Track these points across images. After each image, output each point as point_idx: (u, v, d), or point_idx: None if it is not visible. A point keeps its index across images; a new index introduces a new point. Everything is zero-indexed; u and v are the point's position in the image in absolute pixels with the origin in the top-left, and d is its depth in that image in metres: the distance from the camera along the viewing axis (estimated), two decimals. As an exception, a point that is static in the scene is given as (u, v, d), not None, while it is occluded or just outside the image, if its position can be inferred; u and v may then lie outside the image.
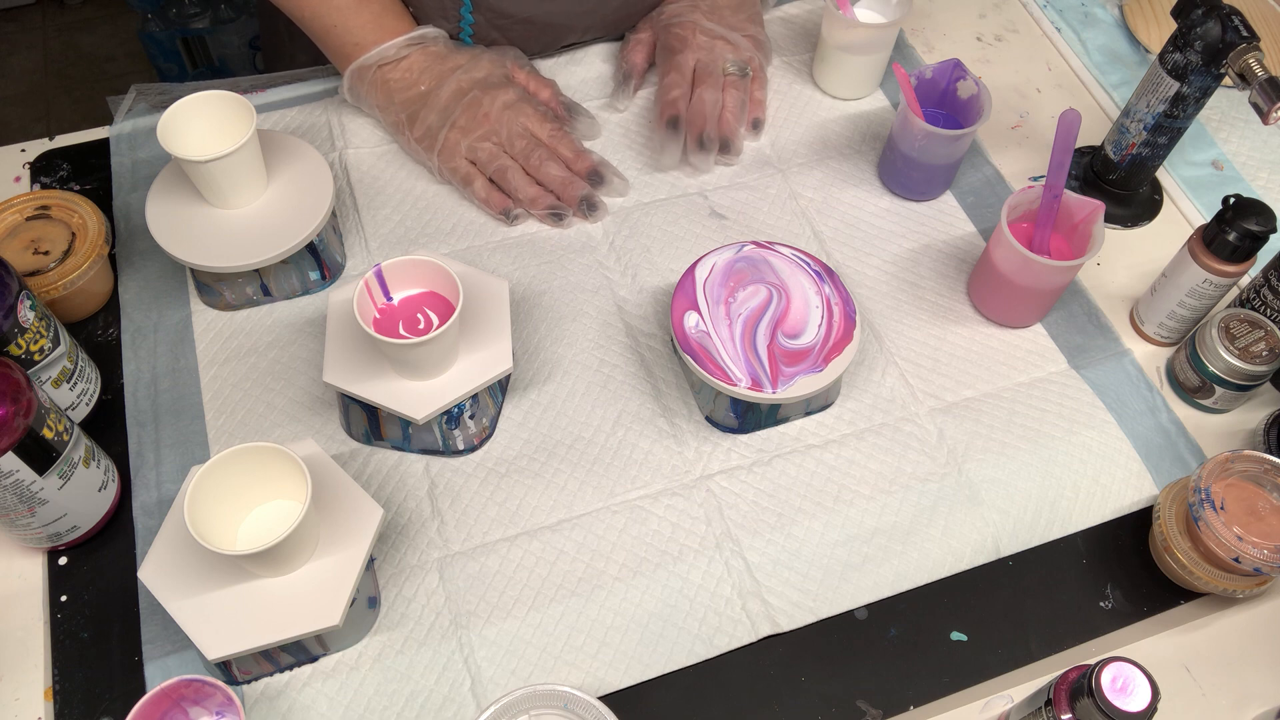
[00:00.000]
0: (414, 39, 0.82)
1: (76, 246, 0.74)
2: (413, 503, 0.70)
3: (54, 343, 0.67)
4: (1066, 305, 0.81)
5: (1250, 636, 0.68)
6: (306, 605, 0.59)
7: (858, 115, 0.92)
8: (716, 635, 0.66)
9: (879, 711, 0.64)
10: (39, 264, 0.73)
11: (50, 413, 0.61)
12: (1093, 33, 1.00)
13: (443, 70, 0.82)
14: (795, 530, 0.70)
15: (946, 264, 0.83)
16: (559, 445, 0.72)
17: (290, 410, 0.73)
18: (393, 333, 0.67)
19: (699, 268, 0.74)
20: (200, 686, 0.57)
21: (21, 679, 0.63)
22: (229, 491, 0.59)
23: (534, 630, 0.65)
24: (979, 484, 0.72)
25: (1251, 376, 0.73)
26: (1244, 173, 0.90)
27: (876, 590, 0.68)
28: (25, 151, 0.86)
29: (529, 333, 0.78)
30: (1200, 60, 0.74)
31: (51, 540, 0.65)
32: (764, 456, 0.72)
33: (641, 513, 0.70)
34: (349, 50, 0.82)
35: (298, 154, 0.77)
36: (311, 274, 0.77)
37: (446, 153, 0.82)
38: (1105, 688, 0.54)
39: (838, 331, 0.71)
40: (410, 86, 0.82)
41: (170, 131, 0.69)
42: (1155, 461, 0.74)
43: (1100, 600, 0.69)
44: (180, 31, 1.80)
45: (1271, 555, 0.63)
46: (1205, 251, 0.73)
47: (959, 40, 0.99)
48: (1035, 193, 0.75)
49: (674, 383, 0.75)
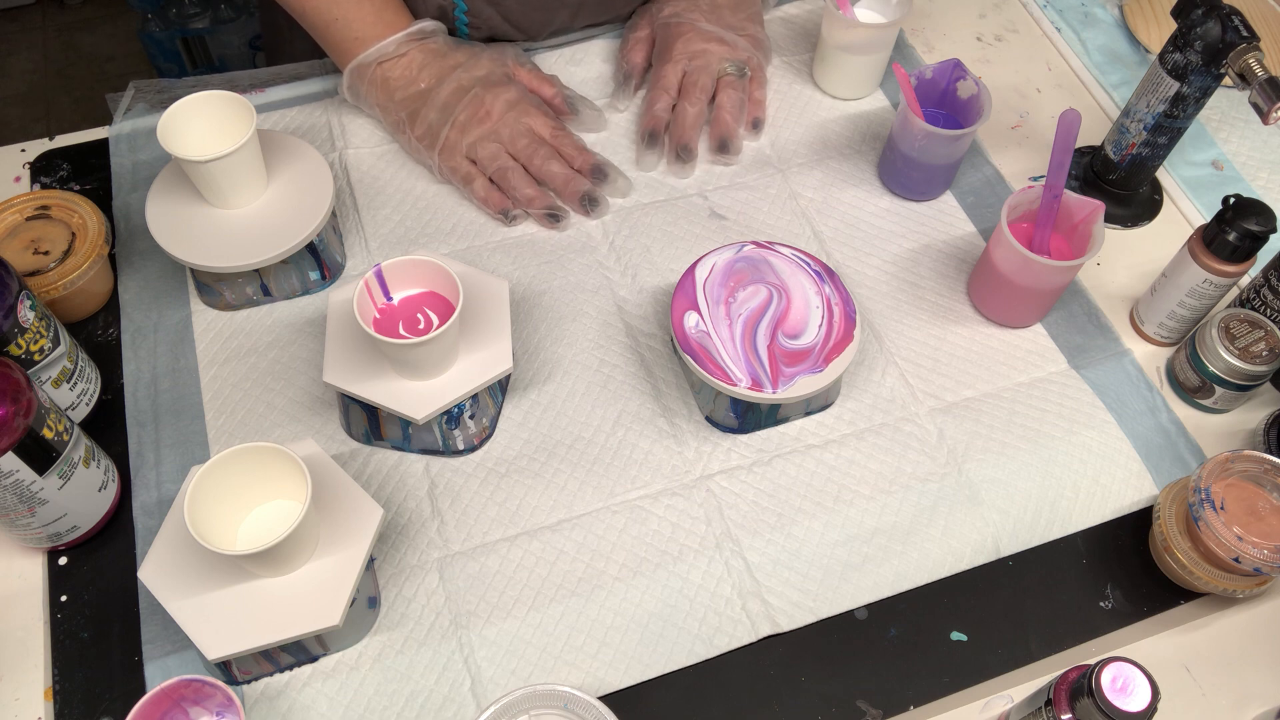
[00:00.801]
0: (414, 34, 0.82)
1: (76, 246, 0.74)
2: (413, 503, 0.70)
3: (54, 343, 0.67)
4: (1066, 305, 0.81)
5: (1250, 636, 0.68)
6: (306, 605, 0.59)
7: (858, 115, 0.92)
8: (716, 635, 0.66)
9: (879, 711, 0.64)
10: (39, 264, 0.73)
11: (50, 413, 0.61)
12: (1093, 33, 1.00)
13: (443, 67, 0.82)
14: (795, 530, 0.70)
15: (946, 264, 0.83)
16: (559, 445, 0.72)
17: (290, 410, 0.73)
18: (393, 333, 0.67)
19: (699, 268, 0.74)
20: (200, 686, 0.57)
21: (21, 679, 0.63)
22: (229, 491, 0.59)
23: (534, 630, 0.65)
24: (979, 484, 0.72)
25: (1251, 376, 0.73)
26: (1244, 173, 0.90)
27: (876, 590, 0.68)
28: (25, 151, 0.86)
29: (529, 333, 0.78)
30: (1200, 60, 0.74)
31: (51, 540, 0.65)
32: (764, 456, 0.72)
33: (641, 513, 0.70)
34: (349, 45, 0.82)
35: (298, 154, 0.77)
36: (311, 274, 0.77)
37: (447, 151, 0.82)
38: (1105, 688, 0.54)
39: (838, 332, 0.71)
40: (410, 84, 0.82)
41: (170, 131, 0.69)
42: (1155, 461, 0.74)
43: (1100, 600, 0.69)
44: (180, 31, 1.80)
45: (1271, 555, 0.63)
46: (1205, 251, 0.73)
47: (959, 40, 0.99)
48: (1035, 193, 0.75)
49: (674, 383, 0.75)
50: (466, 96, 0.81)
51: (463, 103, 0.81)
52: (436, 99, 0.82)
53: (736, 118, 0.86)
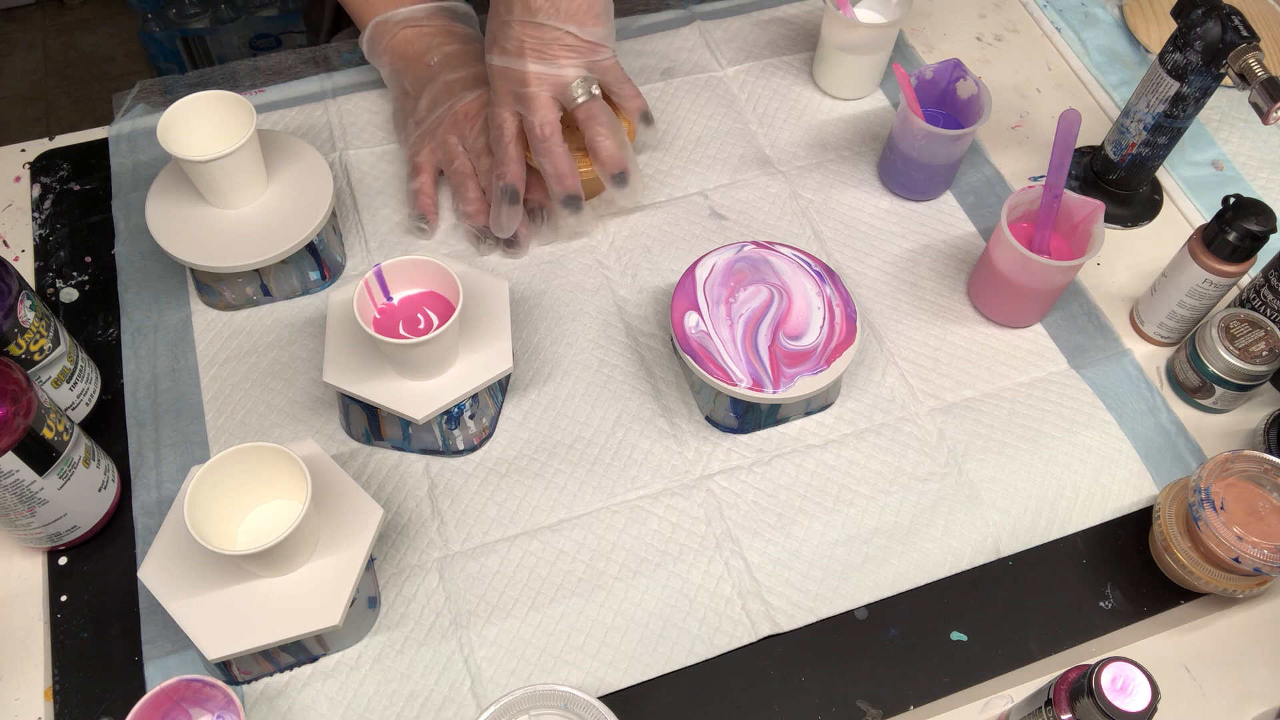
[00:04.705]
0: (444, 8, 0.82)
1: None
2: (413, 503, 0.70)
3: (54, 343, 0.67)
4: (1066, 305, 0.81)
5: (1250, 636, 0.68)
6: (306, 605, 0.59)
7: (858, 115, 0.92)
8: (716, 635, 0.66)
9: (879, 711, 0.64)
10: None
11: (50, 413, 0.61)
12: (1093, 33, 1.00)
13: (453, 51, 0.83)
14: (795, 530, 0.70)
15: (946, 264, 0.83)
16: (559, 445, 0.72)
17: (290, 410, 0.73)
18: (393, 333, 0.67)
19: (699, 268, 0.74)
20: (200, 686, 0.57)
21: (21, 679, 0.63)
22: (229, 491, 0.59)
23: (534, 630, 0.65)
24: (979, 484, 0.72)
25: (1251, 376, 0.73)
26: (1244, 173, 0.90)
27: (876, 590, 0.68)
28: (25, 151, 0.86)
29: (529, 333, 0.78)
30: (1200, 60, 0.74)
31: (51, 540, 0.65)
32: (764, 456, 0.72)
33: (641, 513, 0.70)
34: (378, 2, 0.83)
35: (298, 154, 0.77)
36: (311, 274, 0.77)
37: (421, 138, 0.82)
38: (1105, 688, 0.54)
39: (839, 333, 0.71)
40: (421, 56, 0.83)
41: (170, 131, 0.69)
42: (1155, 461, 0.74)
43: (1100, 600, 0.69)
44: (180, 31, 1.80)
45: (1271, 555, 0.63)
46: (1205, 251, 0.73)
47: (959, 40, 0.99)
48: (1035, 193, 0.75)
49: (674, 383, 0.75)
50: (460, 95, 0.81)
51: (451, 100, 0.81)
52: (435, 83, 0.81)
53: (618, 141, 0.76)
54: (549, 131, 0.74)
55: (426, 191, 0.81)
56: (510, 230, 0.78)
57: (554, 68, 0.72)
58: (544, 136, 0.74)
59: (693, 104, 0.91)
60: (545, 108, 0.73)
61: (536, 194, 0.80)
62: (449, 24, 0.84)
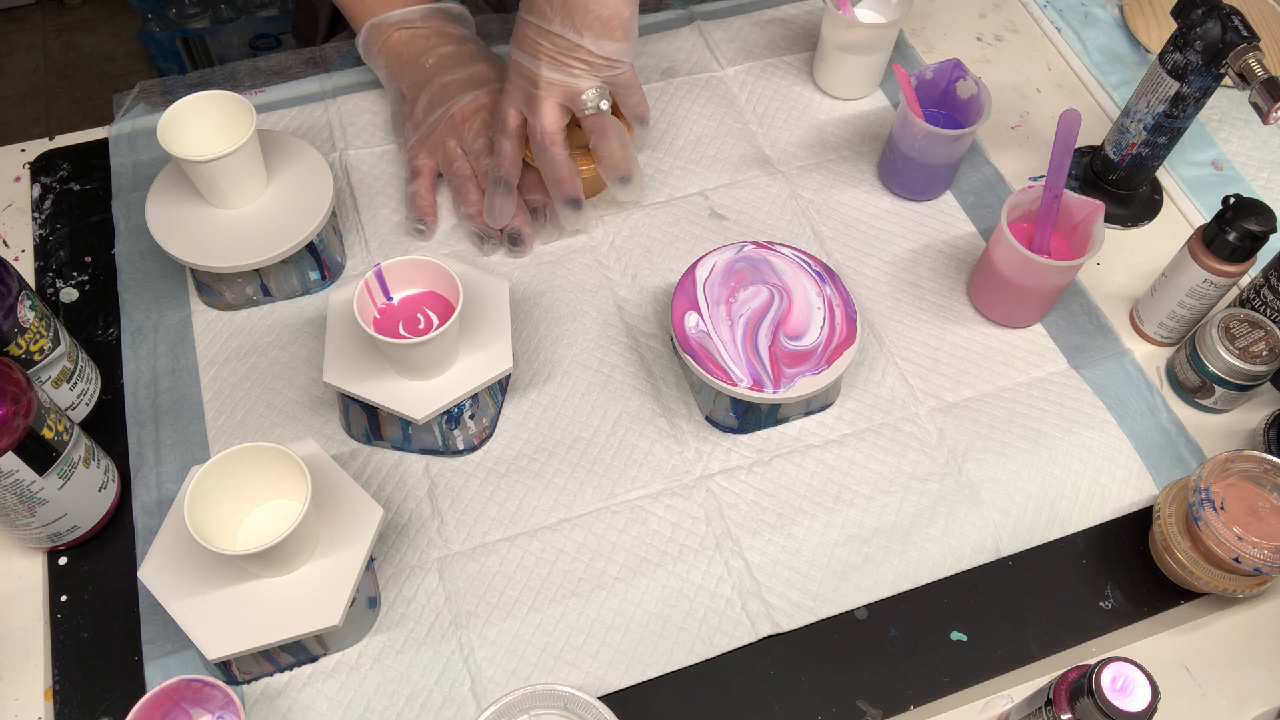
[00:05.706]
0: (438, 9, 0.82)
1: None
2: (413, 503, 0.70)
3: (54, 343, 0.67)
4: (1066, 305, 0.81)
5: (1250, 636, 0.68)
6: (306, 605, 0.59)
7: (858, 115, 0.92)
8: (716, 635, 0.66)
9: (879, 711, 0.64)
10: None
11: (50, 413, 0.61)
12: (1093, 33, 1.00)
13: (448, 53, 0.82)
14: (795, 530, 0.70)
15: (946, 264, 0.83)
16: (559, 445, 0.72)
17: (290, 410, 0.73)
18: (393, 333, 0.67)
19: (699, 268, 0.74)
20: (200, 686, 0.57)
21: (21, 679, 0.63)
22: (229, 491, 0.59)
23: (534, 630, 0.65)
24: (979, 484, 0.72)
25: (1251, 376, 0.73)
26: (1244, 173, 0.90)
27: (876, 590, 0.68)
28: (25, 151, 0.86)
29: (529, 333, 0.78)
30: (1200, 60, 0.74)
31: (51, 540, 0.65)
32: (764, 456, 0.72)
33: (641, 513, 0.70)
34: (374, 3, 0.83)
35: (298, 154, 0.77)
36: (311, 274, 0.77)
37: (420, 140, 0.82)
38: (1105, 688, 0.54)
39: (840, 333, 0.71)
40: (416, 58, 0.83)
41: (170, 132, 0.69)
42: (1155, 461, 0.74)
43: (1100, 600, 0.69)
44: (180, 31, 1.80)
45: (1271, 555, 0.63)
46: (1205, 251, 0.73)
47: (959, 40, 0.99)
48: (1035, 193, 0.75)
49: (674, 383, 0.75)
50: (457, 97, 0.81)
51: (448, 102, 0.81)
52: (432, 85, 0.81)
53: (626, 152, 0.77)
54: (549, 141, 0.74)
55: (425, 194, 0.81)
56: (505, 219, 0.78)
57: (567, 76, 0.72)
58: (544, 145, 0.74)
59: (693, 104, 0.91)
60: (551, 114, 0.73)
61: (538, 194, 0.80)
62: (443, 25, 0.84)
